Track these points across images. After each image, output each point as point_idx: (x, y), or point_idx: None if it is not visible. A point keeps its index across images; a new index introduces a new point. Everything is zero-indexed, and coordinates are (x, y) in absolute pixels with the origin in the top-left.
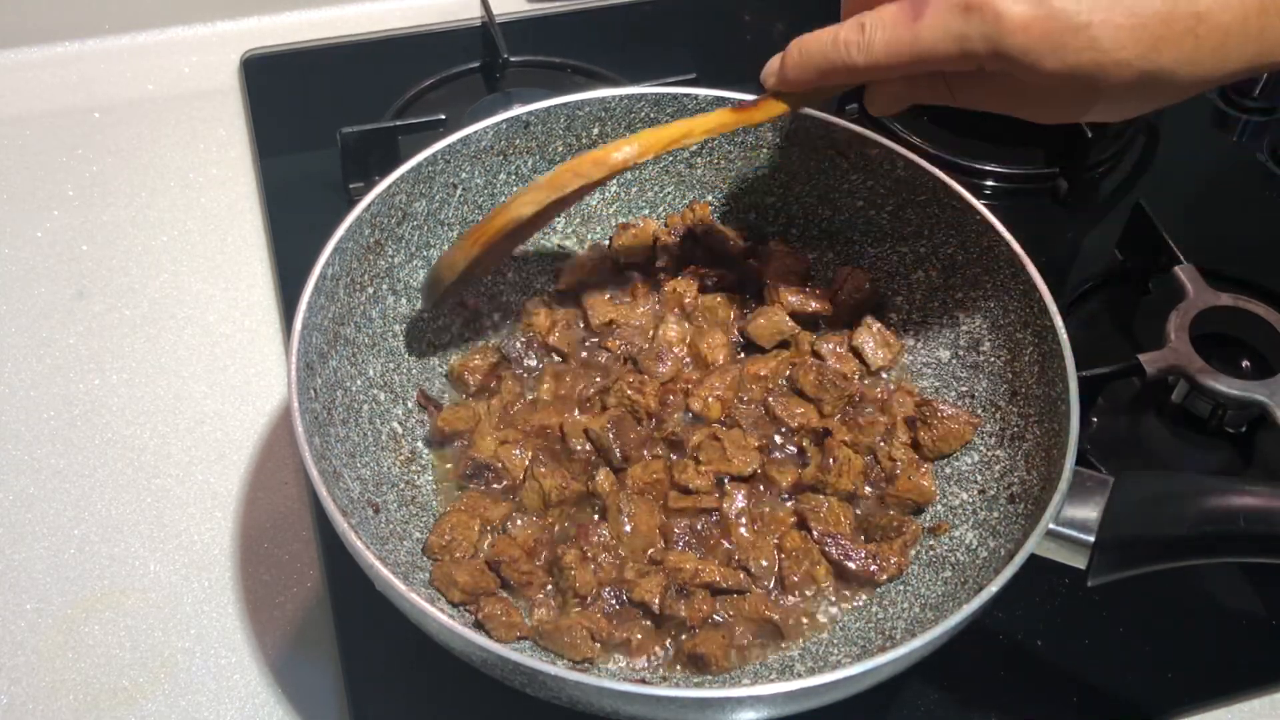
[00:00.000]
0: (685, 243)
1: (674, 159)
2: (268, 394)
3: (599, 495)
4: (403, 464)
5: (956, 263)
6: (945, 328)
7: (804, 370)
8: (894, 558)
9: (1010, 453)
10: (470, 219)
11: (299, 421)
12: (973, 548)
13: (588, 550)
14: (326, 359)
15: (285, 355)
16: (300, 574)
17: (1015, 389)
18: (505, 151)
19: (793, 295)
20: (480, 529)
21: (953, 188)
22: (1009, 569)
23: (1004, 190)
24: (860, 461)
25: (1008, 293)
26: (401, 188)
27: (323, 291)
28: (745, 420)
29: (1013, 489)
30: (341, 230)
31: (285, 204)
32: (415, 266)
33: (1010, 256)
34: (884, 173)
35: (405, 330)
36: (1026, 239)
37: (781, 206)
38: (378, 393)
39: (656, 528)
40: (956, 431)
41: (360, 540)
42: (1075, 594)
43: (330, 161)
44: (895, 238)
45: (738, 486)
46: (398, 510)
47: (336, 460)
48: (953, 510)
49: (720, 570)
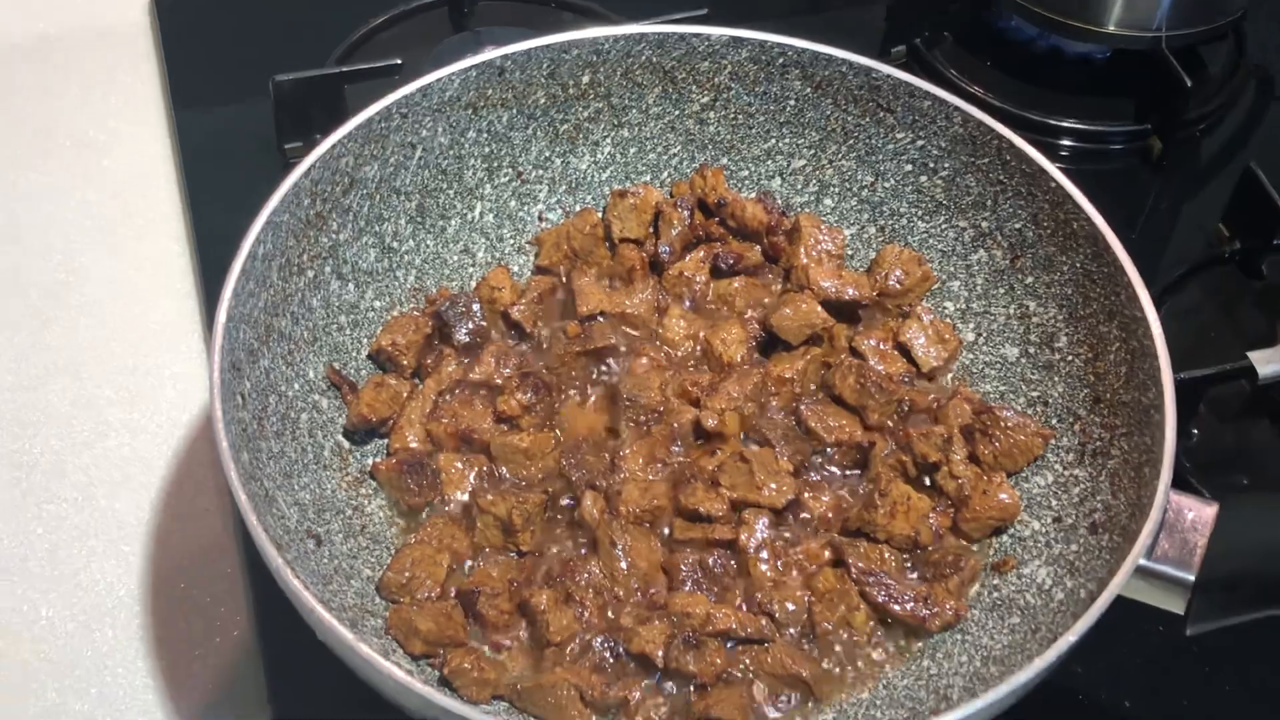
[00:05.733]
0: (694, 215)
1: (680, 112)
2: (185, 401)
3: (586, 524)
4: (350, 486)
5: (1026, 240)
6: (1012, 319)
7: (841, 372)
8: (950, 601)
9: (1091, 472)
10: (433, 186)
11: (223, 434)
12: (1046, 588)
13: (574, 591)
14: (257, 358)
15: (207, 353)
16: (225, 621)
17: (1098, 394)
18: (475, 104)
19: (826, 280)
20: (449, 565)
21: (1022, 149)
22: (1090, 614)
23: (1084, 152)
24: (925, 503)
25: (1089, 277)
26: (348, 148)
27: (252, 275)
28: (771, 433)
29: (1095, 516)
30: (275, 200)
31: (206, 168)
32: (365, 245)
33: (1091, 233)
34: (938, 130)
35: (353, 322)
36: (1111, 211)
37: (812, 171)
38: (319, 399)
39: (658, 563)
40: (1024, 445)
41: (298, 579)
42: (1171, 644)
43: (261, 116)
44: (951, 209)
45: (758, 513)
46: (344, 542)
47: (269, 481)
48: (1021, 543)
49: (737, 615)
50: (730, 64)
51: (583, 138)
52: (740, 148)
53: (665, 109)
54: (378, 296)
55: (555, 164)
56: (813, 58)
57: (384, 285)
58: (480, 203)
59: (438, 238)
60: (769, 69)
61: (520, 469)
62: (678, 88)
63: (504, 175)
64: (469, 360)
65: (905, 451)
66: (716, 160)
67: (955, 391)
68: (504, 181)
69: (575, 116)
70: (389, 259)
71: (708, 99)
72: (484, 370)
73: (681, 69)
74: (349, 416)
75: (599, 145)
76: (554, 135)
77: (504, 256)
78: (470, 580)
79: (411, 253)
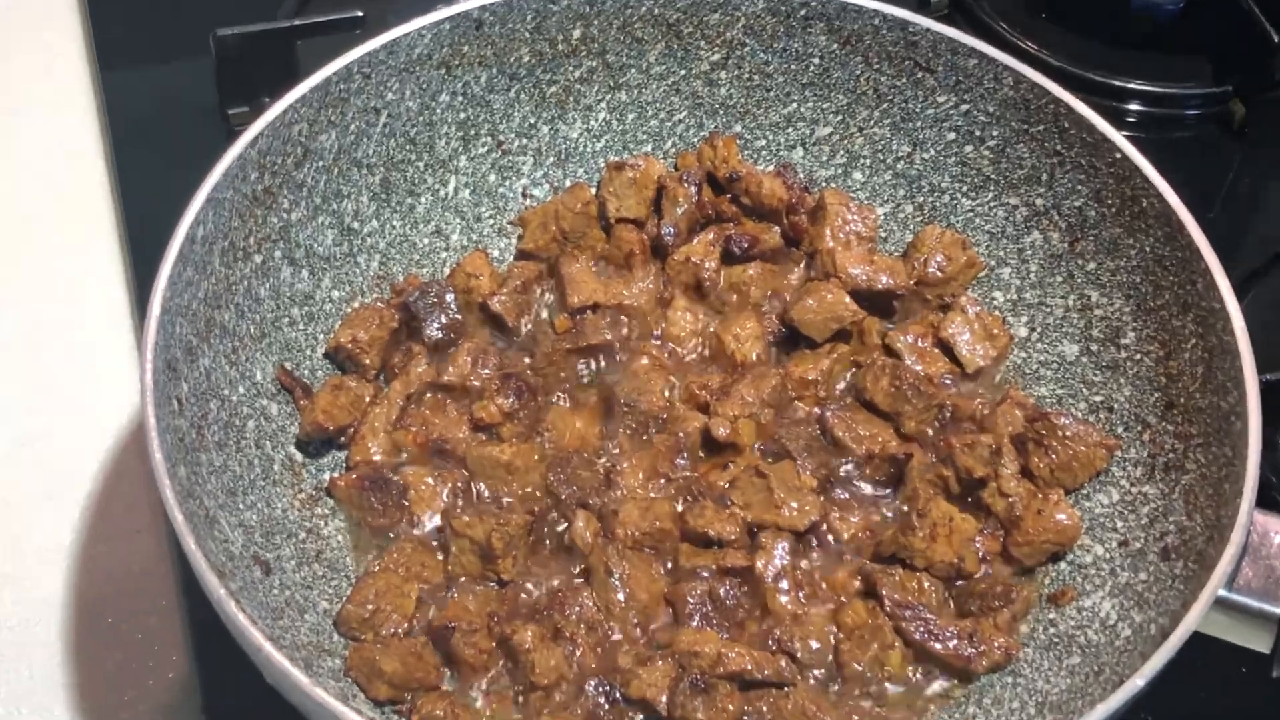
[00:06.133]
0: (703, 191)
1: (687, 71)
2: (114, 407)
3: (577, 550)
4: (304, 505)
5: (1087, 220)
6: (1071, 312)
7: (873, 373)
8: (999, 638)
9: (1163, 489)
10: (400, 158)
11: (157, 444)
12: (1110, 623)
13: (564, 627)
14: (196, 357)
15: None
16: (160, 659)
17: (1170, 399)
18: (449, 63)
19: (856, 266)
20: (419, 596)
21: (1083, 114)
22: (1162, 653)
23: (1155, 118)
24: (970, 525)
25: (1160, 263)
26: (302, 114)
27: (190, 261)
28: (792, 443)
29: (1167, 540)
30: (217, 174)
31: (138, 137)
32: (321, 226)
33: (1163, 211)
34: (985, 92)
35: (307, 315)
36: (1186, 187)
37: (840, 140)
38: (268, 404)
39: (661, 594)
40: (1085, 457)
41: (244, 612)
42: (1256, 687)
43: (201, 78)
44: (1001, 185)
45: (777, 536)
46: (297, 570)
47: (210, 499)
48: (1082, 571)
49: (753, 655)
50: (745, 16)
51: (573, 102)
52: (756, 113)
53: (669, 68)
54: (336, 285)
55: (542, 132)
56: (840, 9)
57: (343, 272)
58: (455, 177)
59: (405, 218)
60: (789, 22)
61: (501, 485)
62: (684, 44)
63: (482, 145)
64: (441, 359)
65: (947, 465)
66: (728, 128)
67: (1005, 395)
68: (482, 152)
69: (565, 77)
70: (349, 242)
71: (718, 57)
72: (459, 371)
73: (688, 22)
74: (302, 425)
75: (592, 110)
76: (540, 99)
77: (482, 239)
78: (443, 614)
79: (375, 235)
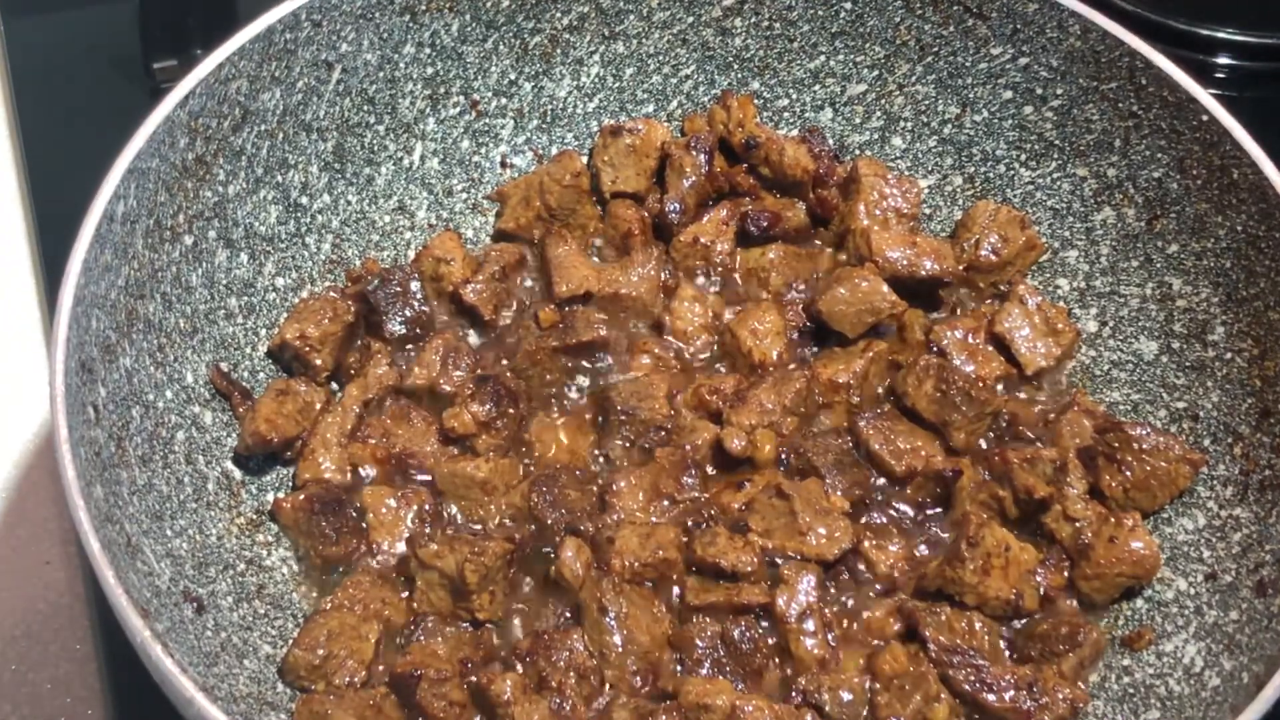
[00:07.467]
0: (714, 161)
1: (695, 18)
2: (19, 416)
3: (566, 584)
4: (243, 531)
5: (1169, 194)
6: (1149, 303)
7: (916, 375)
8: (1064, 688)
9: (1258, 511)
10: (356, 121)
11: (69, 460)
12: (1196, 671)
13: (550, 675)
14: (116, 356)
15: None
16: (74, 713)
17: (1266, 405)
18: (414, 8)
19: (894, 249)
20: (379, 639)
21: (1163, 69)
22: (1257, 705)
23: (1248, 74)
24: (1030, 555)
25: (1254, 244)
26: (241, 69)
27: (109, 243)
28: (820, 458)
29: (1263, 573)
30: (140, 141)
31: (47, 96)
32: (263, 201)
33: (1257, 184)
34: (1048, 43)
35: (247, 307)
36: None
37: (876, 100)
38: (201, 412)
39: (665, 637)
40: (1166, 475)
41: (172, 658)
42: None
43: (120, 25)
44: (1067, 152)
45: (802, 568)
46: (235, 607)
47: (132, 524)
48: (1162, 609)
49: (772, 709)
50: None
51: (561, 54)
52: (777, 68)
53: (675, 14)
54: (281, 271)
55: (524, 90)
56: None
57: (290, 256)
58: (421, 143)
59: (362, 191)
60: None
61: (476, 508)
62: None
63: (453, 106)
64: (406, 359)
65: (1003, 484)
66: (745, 85)
67: (1071, 402)
68: (453, 114)
69: (551, 25)
70: (296, 220)
71: (733, 1)
72: (426, 373)
73: None
74: (242, 436)
75: (583, 65)
76: (522, 51)
77: (453, 217)
78: (407, 660)
79: (327, 211)
